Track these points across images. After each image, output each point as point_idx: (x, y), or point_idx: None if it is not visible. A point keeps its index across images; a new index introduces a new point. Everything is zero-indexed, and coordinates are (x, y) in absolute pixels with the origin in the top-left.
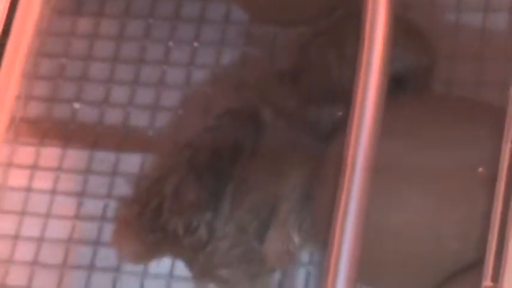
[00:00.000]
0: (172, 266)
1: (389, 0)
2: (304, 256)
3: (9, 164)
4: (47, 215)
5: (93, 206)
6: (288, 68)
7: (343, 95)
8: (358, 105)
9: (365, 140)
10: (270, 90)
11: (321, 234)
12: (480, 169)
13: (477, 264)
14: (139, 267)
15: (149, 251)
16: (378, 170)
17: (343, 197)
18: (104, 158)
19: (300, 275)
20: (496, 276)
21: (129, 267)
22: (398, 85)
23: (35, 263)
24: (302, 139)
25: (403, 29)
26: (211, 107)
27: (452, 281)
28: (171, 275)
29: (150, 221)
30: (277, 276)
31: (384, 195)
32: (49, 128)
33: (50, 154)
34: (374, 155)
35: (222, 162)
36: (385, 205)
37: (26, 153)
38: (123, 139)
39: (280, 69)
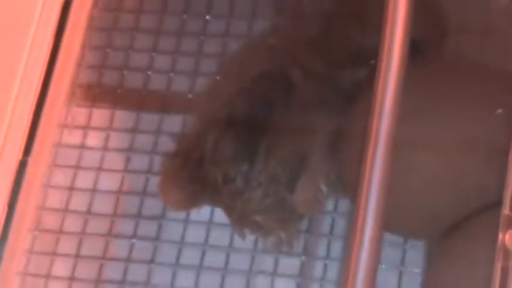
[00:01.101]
0: (212, 213)
1: None
2: (330, 205)
3: (65, 124)
4: (99, 169)
5: (140, 161)
6: (314, 36)
7: (365, 59)
8: (384, 67)
9: (390, 98)
10: (298, 55)
11: (347, 184)
12: (499, 110)
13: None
14: (181, 215)
15: (191, 200)
16: (401, 123)
17: (371, 149)
18: (149, 119)
19: (326, 222)
20: None
21: (172, 215)
22: (413, 53)
23: (88, 212)
24: (328, 97)
25: (419, 2)
26: (244, 72)
27: (475, 217)
28: (210, 222)
29: (191, 173)
30: (305, 222)
31: (407, 143)
32: (100, 92)
33: (101, 115)
34: (399, 112)
35: (256, 119)
36: (409, 151)
37: (79, 115)
38: (166, 102)
39: (308, 36)
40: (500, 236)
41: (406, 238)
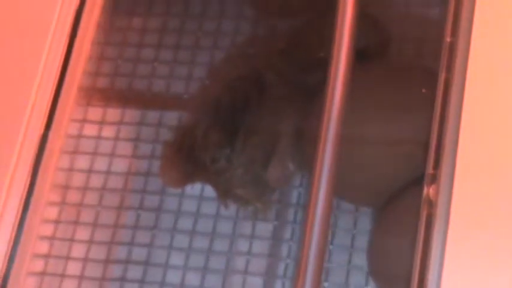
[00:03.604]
0: (202, 189)
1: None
2: (297, 181)
3: (84, 120)
4: (112, 155)
5: (145, 148)
6: (284, 46)
7: (324, 65)
8: (333, 71)
9: (338, 95)
10: (271, 62)
11: (309, 163)
12: (423, 90)
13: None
14: (178, 191)
15: (185, 179)
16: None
17: (323, 134)
18: (152, 115)
19: (294, 195)
20: (437, 165)
21: (171, 191)
22: (360, 60)
23: (103, 188)
24: (294, 95)
25: (363, 19)
26: (228, 76)
27: (409, 189)
28: (201, 196)
29: (186, 157)
30: (277, 194)
31: (356, 134)
32: (112, 94)
33: (113, 113)
34: (345, 106)
35: (237, 112)
36: (358, 141)
37: (96, 112)
38: (165, 101)
39: (279, 46)
40: (425, 189)
41: (357, 206)
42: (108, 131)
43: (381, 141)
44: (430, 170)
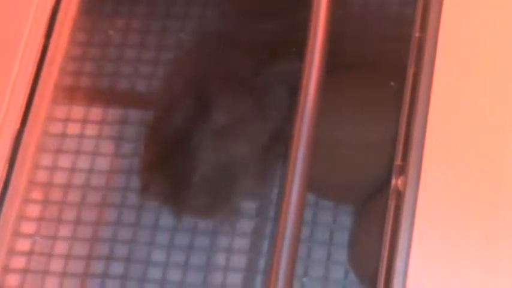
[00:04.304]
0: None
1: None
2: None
3: (67, 119)
4: (94, 154)
5: (127, 147)
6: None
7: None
8: (307, 71)
9: (312, 93)
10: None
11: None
12: (392, 83)
13: None
14: None
15: None
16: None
17: (297, 129)
18: (135, 115)
19: (275, 191)
20: (405, 157)
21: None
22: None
23: (86, 186)
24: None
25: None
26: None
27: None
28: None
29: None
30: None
31: (331, 135)
32: (95, 94)
33: (96, 112)
34: (318, 103)
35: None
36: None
37: (79, 112)
38: (147, 102)
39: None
40: (393, 181)
41: (336, 203)
42: (91, 130)
43: (359, 139)
44: (398, 161)
